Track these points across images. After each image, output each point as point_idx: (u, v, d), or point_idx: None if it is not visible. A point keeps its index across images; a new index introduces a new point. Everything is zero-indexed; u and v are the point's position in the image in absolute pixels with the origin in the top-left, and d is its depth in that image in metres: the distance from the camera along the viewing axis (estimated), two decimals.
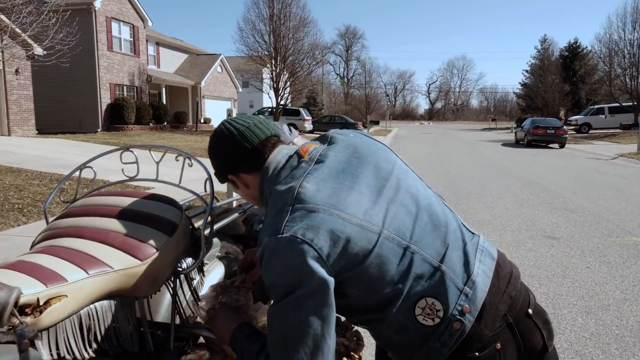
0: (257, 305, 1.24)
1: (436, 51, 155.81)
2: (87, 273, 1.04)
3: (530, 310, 1.13)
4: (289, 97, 30.37)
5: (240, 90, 34.63)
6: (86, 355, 1.03)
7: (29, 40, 13.18)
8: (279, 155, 1.14)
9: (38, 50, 14.34)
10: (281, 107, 27.67)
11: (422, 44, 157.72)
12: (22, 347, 0.73)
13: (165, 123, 24.03)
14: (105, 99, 20.77)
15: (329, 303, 0.96)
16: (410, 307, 1.03)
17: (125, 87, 22.35)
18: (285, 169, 1.10)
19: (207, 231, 1.53)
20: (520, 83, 52.25)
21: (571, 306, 3.64)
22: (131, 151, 1.48)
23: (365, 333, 1.23)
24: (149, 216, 1.23)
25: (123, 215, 1.22)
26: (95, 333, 1.06)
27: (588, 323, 3.35)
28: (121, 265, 1.10)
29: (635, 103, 28.27)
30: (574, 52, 43.80)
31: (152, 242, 1.17)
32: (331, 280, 0.96)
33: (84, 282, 1.02)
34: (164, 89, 25.84)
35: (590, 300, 3.75)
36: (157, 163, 1.46)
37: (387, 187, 1.08)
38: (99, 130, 20.13)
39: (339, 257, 0.97)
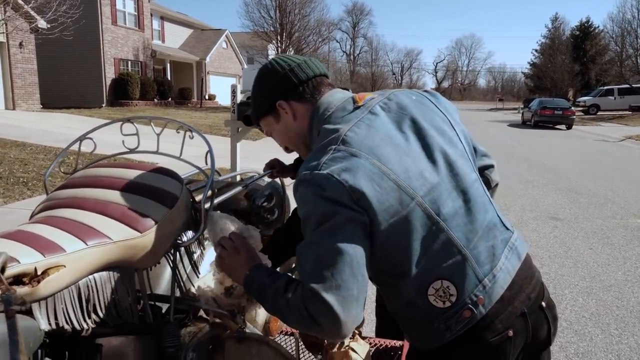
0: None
1: (445, 28, 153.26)
2: (86, 244, 1.03)
3: (544, 304, 1.12)
4: None
5: (246, 66, 34.30)
6: (85, 326, 1.03)
7: (32, 13, 13.03)
8: (332, 97, 1.12)
9: (42, 23, 14.21)
10: None
11: (430, 21, 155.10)
12: (8, 314, 0.73)
13: (170, 99, 23.90)
14: (109, 73, 20.64)
15: (363, 234, 0.95)
16: (424, 285, 1.02)
17: (129, 62, 22.18)
18: (338, 110, 1.09)
19: (208, 205, 1.52)
20: (529, 63, 51.55)
21: (572, 286, 3.65)
22: (132, 123, 1.46)
23: (366, 308, 1.23)
24: (149, 188, 1.22)
25: (123, 187, 1.21)
26: (94, 304, 1.06)
27: (589, 303, 3.36)
28: (120, 237, 1.10)
29: None
30: (585, 31, 42.93)
31: (151, 214, 1.16)
32: (362, 219, 0.95)
33: (82, 253, 1.02)
34: (168, 65, 25.62)
35: (591, 281, 3.76)
36: (158, 135, 1.44)
37: (434, 158, 1.05)
38: (103, 105, 20.07)
39: (369, 207, 0.95)
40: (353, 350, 1.75)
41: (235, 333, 1.35)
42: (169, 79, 25.16)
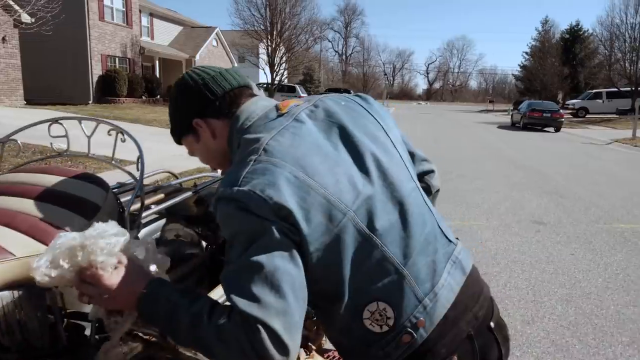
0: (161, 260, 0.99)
1: (436, 30, 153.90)
2: None
3: (492, 324, 1.02)
4: (285, 73, 29.93)
5: (236, 65, 34.05)
6: None
7: (15, 5, 12.76)
8: (254, 106, 1.01)
9: (25, 17, 13.93)
10: (277, 83, 27.28)
11: (422, 22, 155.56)
12: None
13: (159, 96, 23.62)
14: (96, 70, 20.34)
15: (298, 253, 0.85)
16: (359, 308, 0.92)
17: (117, 59, 21.89)
18: (260, 119, 0.98)
19: (151, 210, 1.40)
20: (519, 65, 51.78)
21: (552, 294, 3.58)
22: (60, 123, 1.33)
23: None
24: (67, 197, 1.10)
25: (37, 195, 1.09)
26: None
27: (567, 312, 3.28)
28: (26, 252, 0.98)
29: (633, 88, 28.04)
30: (574, 34, 43.24)
31: (66, 226, 1.05)
32: (294, 238, 0.84)
33: None
34: (157, 62, 25.34)
35: (571, 288, 3.69)
36: (89, 137, 1.32)
37: (366, 167, 0.95)
38: (90, 102, 19.78)
39: (297, 224, 0.84)
40: None
41: (168, 355, 1.24)
42: (158, 76, 24.89)
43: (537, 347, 2.80)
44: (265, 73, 27.80)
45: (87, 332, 1.17)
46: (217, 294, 1.29)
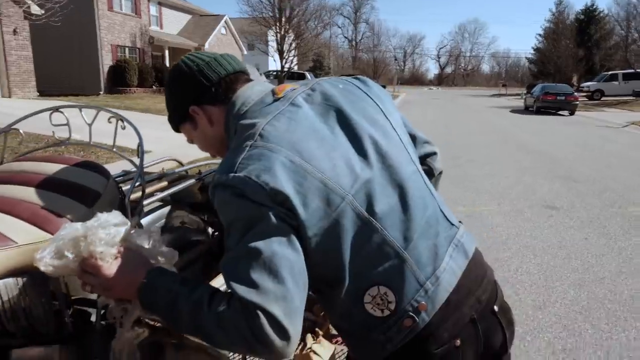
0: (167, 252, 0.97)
1: (448, 13, 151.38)
2: None
3: (496, 307, 1.01)
4: (295, 60, 29.76)
5: (246, 53, 33.94)
6: None
7: None
8: (249, 91, 1.00)
9: (35, 8, 14.00)
10: (286, 70, 27.15)
11: (433, 6, 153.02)
12: None
13: None
14: (106, 60, 20.42)
15: (297, 238, 0.84)
16: (360, 292, 0.91)
17: (127, 49, 21.94)
18: (256, 104, 0.97)
19: (154, 197, 1.40)
20: (533, 48, 50.86)
21: (564, 279, 3.54)
22: (61, 112, 1.33)
23: None
24: (68, 185, 1.10)
25: (39, 183, 1.09)
26: None
27: (580, 296, 3.25)
28: (28, 240, 0.98)
29: None
30: (590, 15, 42.21)
31: (67, 213, 1.05)
32: (292, 223, 0.83)
33: None
34: (167, 51, 25.35)
35: (584, 273, 3.64)
36: (90, 125, 1.32)
37: (364, 150, 0.93)
38: (101, 92, 19.90)
39: (294, 210, 0.83)
40: (315, 353, 1.65)
41: (173, 340, 1.24)
42: (168, 65, 24.92)
43: (548, 332, 2.78)
44: (274, 60, 27.68)
45: (93, 318, 1.18)
46: (220, 281, 1.29)
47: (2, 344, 0.97)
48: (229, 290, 0.83)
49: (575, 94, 22.55)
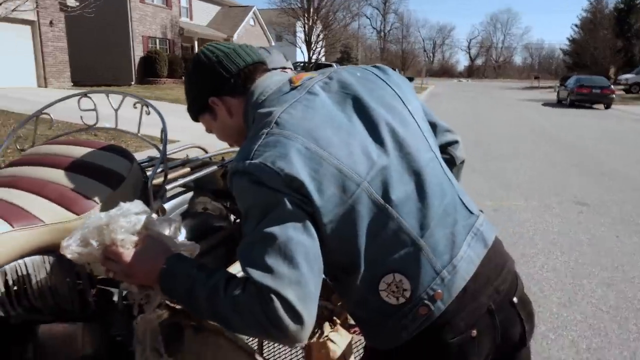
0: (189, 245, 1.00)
1: (479, 3, 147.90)
2: (12, 226, 0.96)
3: (515, 299, 0.99)
4: (322, 51, 29.66)
5: (274, 44, 34.07)
6: (12, 312, 0.97)
7: None
8: (268, 80, 1.02)
9: (70, 0, 14.38)
10: (314, 61, 27.11)
11: None
12: None
13: None
14: (138, 51, 20.84)
15: (312, 224, 0.85)
16: (375, 280, 0.91)
17: (157, 40, 22.32)
18: (274, 93, 0.98)
19: (177, 182, 1.43)
20: (568, 39, 49.20)
21: (592, 277, 3.44)
22: (89, 97, 1.38)
23: None
24: (94, 167, 1.14)
25: (66, 165, 1.14)
26: (25, 289, 1.00)
27: (608, 295, 3.16)
28: (54, 219, 1.02)
29: None
30: (630, 4, 40.45)
31: (93, 195, 1.09)
32: (307, 209, 0.85)
33: (6, 236, 0.95)
34: (196, 42, 25.66)
35: (614, 272, 3.53)
36: (116, 111, 1.36)
37: (381, 137, 0.93)
38: (132, 83, 20.34)
39: (309, 196, 0.84)
40: (332, 341, 1.66)
41: (192, 322, 1.28)
42: None
43: (573, 331, 2.72)
44: (302, 51, 27.65)
45: (115, 298, 1.22)
46: (237, 268, 1.31)
47: (30, 319, 1.02)
48: (245, 276, 0.85)
49: (612, 86, 21.70)
